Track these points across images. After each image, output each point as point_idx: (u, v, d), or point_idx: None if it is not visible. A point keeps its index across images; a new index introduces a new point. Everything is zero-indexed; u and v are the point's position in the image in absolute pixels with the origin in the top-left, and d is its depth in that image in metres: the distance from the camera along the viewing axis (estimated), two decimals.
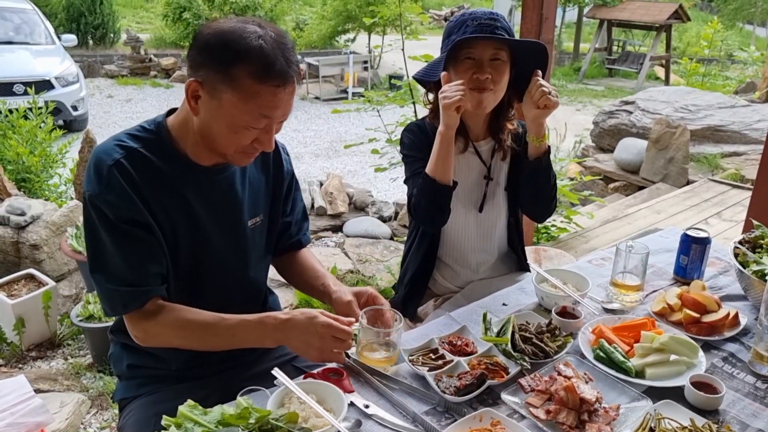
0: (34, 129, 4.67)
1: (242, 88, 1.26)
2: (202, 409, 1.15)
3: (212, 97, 1.29)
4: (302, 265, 1.72)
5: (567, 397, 1.28)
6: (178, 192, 1.40)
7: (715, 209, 5.14)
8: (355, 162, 7.90)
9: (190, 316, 1.40)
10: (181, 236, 1.42)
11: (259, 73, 1.25)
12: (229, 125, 1.31)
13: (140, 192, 1.34)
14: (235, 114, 1.29)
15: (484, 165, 1.96)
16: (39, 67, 8.07)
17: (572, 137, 7.88)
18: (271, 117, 1.32)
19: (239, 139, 1.34)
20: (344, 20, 13.72)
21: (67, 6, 13.60)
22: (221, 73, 1.26)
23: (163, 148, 1.39)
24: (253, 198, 1.54)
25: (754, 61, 13.13)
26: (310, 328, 1.33)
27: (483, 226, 2.00)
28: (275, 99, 1.28)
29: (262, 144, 1.36)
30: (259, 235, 1.59)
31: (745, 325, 1.62)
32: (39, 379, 2.74)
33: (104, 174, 1.32)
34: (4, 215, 3.55)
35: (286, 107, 1.33)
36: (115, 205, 1.32)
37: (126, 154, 1.34)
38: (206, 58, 1.28)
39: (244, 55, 1.24)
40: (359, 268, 4.09)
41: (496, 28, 1.77)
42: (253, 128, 1.32)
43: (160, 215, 1.38)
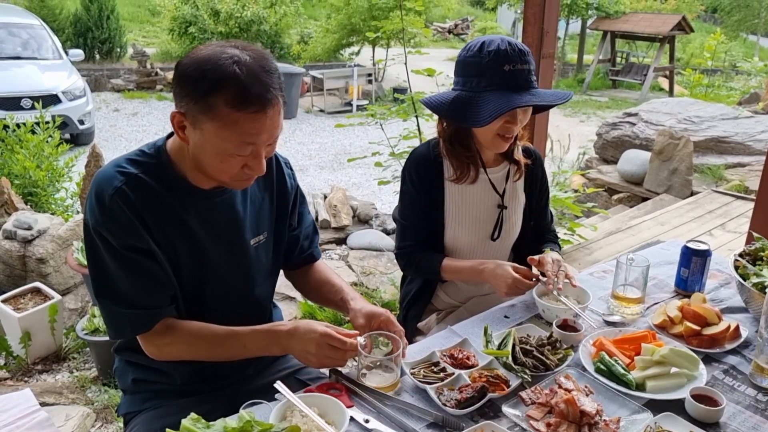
0: (41, 143, 4.71)
1: (221, 117, 1.24)
2: (205, 423, 1.17)
3: (195, 128, 1.29)
4: (319, 279, 1.73)
5: (567, 410, 1.28)
6: (179, 216, 1.40)
7: (719, 221, 5.13)
8: (359, 175, 7.92)
9: (200, 330, 1.43)
10: (183, 259, 1.43)
11: (235, 100, 1.23)
12: (214, 154, 1.30)
13: (142, 218, 1.35)
14: (217, 143, 1.28)
15: (497, 193, 1.94)
16: (46, 82, 8.15)
17: (576, 149, 7.90)
18: (255, 143, 1.30)
19: (227, 167, 1.33)
20: (348, 34, 13.80)
21: (75, 21, 13.74)
22: (200, 103, 1.25)
23: (163, 173, 1.39)
24: (256, 216, 1.55)
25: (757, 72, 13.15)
26: (309, 337, 1.37)
27: (493, 250, 2.00)
28: (256, 125, 1.26)
29: (252, 169, 1.35)
30: (263, 253, 1.59)
31: (745, 338, 1.62)
32: (44, 393, 2.76)
33: (106, 202, 1.33)
34: (11, 229, 3.58)
35: (270, 131, 1.30)
36: (118, 234, 1.34)
37: (127, 181, 1.35)
38: (185, 89, 1.27)
39: (219, 83, 1.23)
40: (363, 281, 4.10)
41: (530, 74, 1.71)
42: (238, 155, 1.30)
43: (161, 240, 1.38)
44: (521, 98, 1.66)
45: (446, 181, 1.90)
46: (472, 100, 1.71)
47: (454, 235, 1.94)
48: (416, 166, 1.91)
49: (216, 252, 1.47)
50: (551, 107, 1.79)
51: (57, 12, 13.98)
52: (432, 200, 1.91)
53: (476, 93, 1.71)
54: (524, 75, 1.69)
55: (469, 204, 1.92)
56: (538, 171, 2.03)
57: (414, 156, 1.95)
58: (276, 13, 13.86)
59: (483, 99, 1.69)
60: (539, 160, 2.04)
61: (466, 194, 1.91)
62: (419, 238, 1.95)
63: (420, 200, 1.91)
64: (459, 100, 1.75)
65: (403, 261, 2.00)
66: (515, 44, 1.71)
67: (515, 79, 1.68)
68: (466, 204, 1.92)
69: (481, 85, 1.71)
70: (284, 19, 14.16)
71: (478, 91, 1.71)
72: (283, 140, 9.68)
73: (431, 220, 1.93)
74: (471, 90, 1.73)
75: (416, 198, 1.91)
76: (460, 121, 1.78)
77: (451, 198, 1.91)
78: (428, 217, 1.93)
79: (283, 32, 14.65)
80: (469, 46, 1.76)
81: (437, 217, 1.93)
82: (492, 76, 1.69)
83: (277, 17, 13.90)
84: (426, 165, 1.90)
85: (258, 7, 13.39)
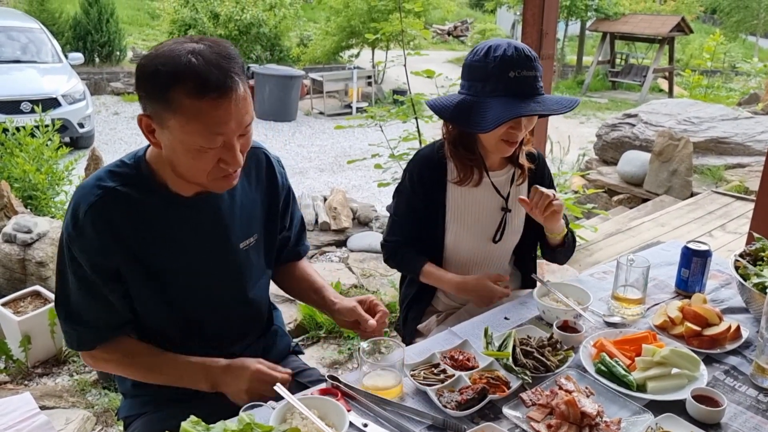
0: (40, 147, 4.71)
1: (183, 110, 1.21)
2: (205, 426, 1.16)
3: (162, 127, 1.25)
4: (299, 276, 1.73)
5: (568, 411, 1.28)
6: (161, 226, 1.39)
7: (719, 221, 5.13)
8: (359, 177, 7.92)
9: (138, 353, 1.46)
10: (169, 267, 1.42)
11: (195, 90, 1.19)
12: (185, 152, 1.26)
13: (117, 233, 1.34)
14: (186, 139, 1.24)
15: (500, 196, 1.93)
16: (46, 85, 8.15)
17: (576, 150, 7.91)
18: (224, 133, 1.25)
19: (202, 165, 1.28)
20: (348, 36, 13.83)
21: (74, 25, 13.76)
22: (160, 101, 1.22)
23: (143, 183, 1.37)
24: (246, 219, 1.52)
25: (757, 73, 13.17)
26: (242, 374, 1.41)
27: (495, 253, 2.00)
28: (220, 112, 1.22)
29: (228, 163, 1.29)
30: (254, 255, 1.57)
31: (746, 338, 1.62)
32: (44, 396, 2.75)
33: (79, 218, 1.32)
34: (10, 233, 3.58)
35: (238, 118, 1.25)
36: (86, 251, 1.34)
37: (103, 195, 1.33)
38: (145, 89, 1.25)
39: (175, 76, 1.19)
40: (363, 283, 4.10)
41: (536, 81, 1.69)
42: (210, 149, 1.26)
43: (141, 251, 1.37)
44: (525, 106, 1.64)
45: (449, 183, 1.90)
46: (477, 105, 1.69)
47: (455, 237, 1.94)
48: (419, 167, 1.91)
49: (203, 259, 1.45)
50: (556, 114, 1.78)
51: (56, 15, 14.01)
52: (433, 202, 1.91)
53: (481, 98, 1.69)
54: (530, 81, 1.67)
55: (471, 206, 1.91)
56: (542, 175, 2.02)
57: (418, 157, 1.95)
58: (275, 15, 13.88)
59: (487, 104, 1.67)
60: (544, 164, 2.04)
61: (469, 197, 1.91)
62: (406, 236, 1.97)
63: (416, 201, 1.91)
64: (463, 104, 1.74)
65: (387, 253, 2.04)
66: (522, 50, 1.68)
67: (520, 85, 1.66)
68: (468, 206, 1.92)
69: (486, 90, 1.68)
70: (283, 21, 14.17)
71: (482, 96, 1.69)
72: (283, 143, 9.69)
73: (431, 222, 1.93)
74: (476, 94, 1.71)
75: (412, 198, 1.92)
76: (464, 125, 1.77)
77: (453, 200, 1.91)
78: (424, 218, 1.93)
79: (283, 35, 14.66)
80: (476, 50, 1.74)
81: (437, 219, 1.92)
82: (497, 82, 1.66)
83: (277, 20, 13.92)
84: (429, 167, 1.90)
85: (257, 10, 13.41)
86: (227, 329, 1.56)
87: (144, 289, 1.42)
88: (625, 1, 17.49)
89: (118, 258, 1.36)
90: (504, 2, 18.13)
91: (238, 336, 1.60)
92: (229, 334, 1.57)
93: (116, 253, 1.35)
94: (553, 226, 1.84)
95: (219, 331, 1.54)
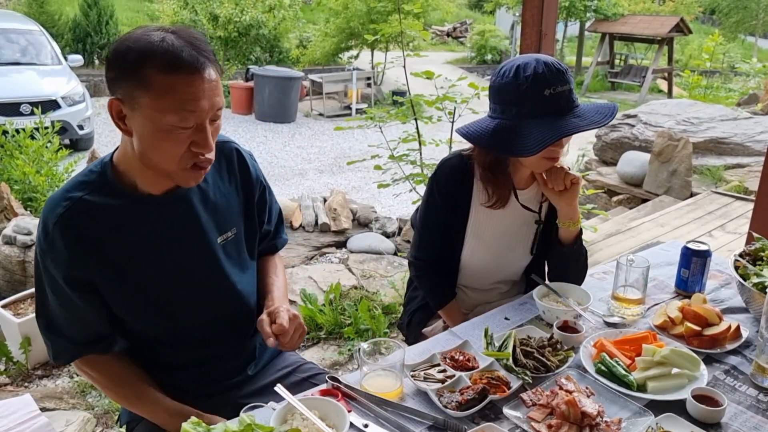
0: (40, 149, 4.71)
1: (155, 85, 1.20)
2: (206, 426, 1.16)
3: (133, 109, 1.23)
4: (261, 272, 1.68)
5: (568, 412, 1.28)
6: (133, 229, 1.37)
7: (719, 221, 5.13)
8: (359, 178, 7.92)
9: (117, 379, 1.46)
10: (147, 271, 1.40)
11: (167, 65, 1.19)
12: (156, 132, 1.24)
13: (88, 244, 1.32)
14: (156, 117, 1.22)
15: (533, 212, 1.89)
16: (46, 87, 8.15)
17: (575, 151, 7.92)
18: (196, 110, 1.23)
19: (173, 147, 1.25)
20: (347, 37, 13.82)
21: (74, 27, 13.76)
22: (132, 79, 1.21)
23: (110, 188, 1.35)
24: (221, 213, 1.49)
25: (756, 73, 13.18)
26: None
27: (511, 264, 1.99)
28: (192, 89, 1.21)
29: (200, 146, 1.27)
30: (234, 249, 1.54)
31: (746, 338, 1.62)
32: (45, 398, 2.75)
33: (49, 231, 1.31)
34: (10, 235, 3.58)
35: (210, 98, 1.24)
36: (58, 263, 1.32)
37: (70, 206, 1.31)
38: (115, 69, 1.24)
39: (148, 52, 1.19)
40: (363, 284, 4.10)
41: (572, 94, 1.63)
42: (182, 128, 1.24)
43: (116, 258, 1.35)
44: (567, 124, 1.59)
45: (474, 200, 1.86)
46: (515, 128, 1.63)
47: (471, 251, 1.93)
48: (446, 180, 1.85)
49: (181, 257, 1.43)
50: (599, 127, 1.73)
51: (56, 18, 14.00)
52: (455, 215, 1.88)
53: (518, 121, 1.63)
54: (566, 96, 1.62)
55: (495, 225, 1.89)
56: None
57: (446, 167, 1.88)
58: (275, 17, 13.87)
59: (527, 127, 1.61)
60: None
61: (494, 216, 1.87)
62: (435, 253, 1.95)
63: (444, 214, 1.87)
64: (501, 129, 1.66)
65: (415, 272, 2.02)
66: (552, 64, 1.62)
67: (557, 102, 1.61)
68: (492, 225, 1.89)
69: (522, 113, 1.62)
70: (283, 23, 14.17)
71: (520, 119, 1.63)
72: (283, 144, 9.69)
73: (451, 234, 1.91)
74: (511, 118, 1.64)
75: (441, 210, 1.87)
76: (506, 152, 1.70)
77: (477, 218, 1.88)
78: (449, 231, 1.91)
79: (282, 36, 14.66)
80: (503, 71, 1.66)
81: (457, 233, 1.90)
82: (533, 103, 1.60)
83: (276, 21, 13.91)
84: (456, 179, 1.84)
85: (257, 12, 13.40)
86: (217, 328, 1.54)
87: (124, 297, 1.40)
88: (624, 1, 17.51)
89: (92, 269, 1.34)
90: (503, 3, 18.12)
91: (229, 334, 1.57)
92: (220, 333, 1.55)
93: (89, 264, 1.33)
94: (570, 204, 1.79)
95: (209, 330, 1.53)
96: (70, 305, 1.36)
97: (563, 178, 1.76)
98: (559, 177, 1.76)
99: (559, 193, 1.78)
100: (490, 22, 21.68)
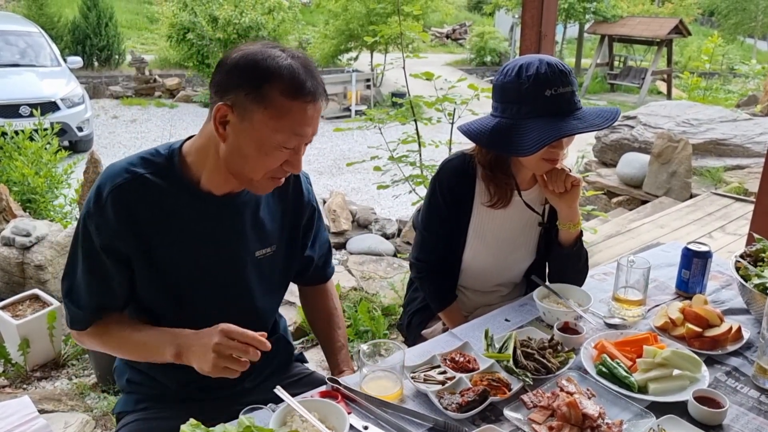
0: (39, 150, 4.70)
1: (274, 105, 1.25)
2: (205, 428, 1.16)
3: (243, 119, 1.28)
4: (321, 306, 1.78)
5: (569, 413, 1.28)
6: (181, 219, 1.39)
7: (719, 223, 5.13)
8: (358, 179, 7.92)
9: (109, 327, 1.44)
10: (178, 262, 1.42)
11: (291, 90, 1.25)
12: (259, 146, 1.29)
13: (136, 219, 1.34)
14: (266, 133, 1.28)
15: (534, 212, 1.88)
16: (45, 89, 8.15)
17: (575, 152, 7.91)
18: (303, 135, 1.31)
19: (270, 162, 1.32)
20: (346, 39, 13.83)
21: (73, 28, 13.76)
22: (252, 92, 1.25)
23: (173, 175, 1.38)
24: (267, 228, 1.52)
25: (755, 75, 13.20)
26: (210, 332, 1.30)
27: (509, 270, 1.99)
28: (306, 116, 1.28)
29: (292, 165, 1.35)
30: (269, 266, 1.55)
31: (747, 339, 1.62)
32: (43, 400, 2.74)
33: (103, 197, 1.33)
34: (9, 236, 3.58)
35: (315, 126, 1.33)
36: (101, 230, 1.34)
37: (130, 179, 1.35)
38: (235, 80, 1.27)
39: (275, 73, 1.25)
40: (363, 285, 4.10)
41: (574, 96, 1.62)
42: (284, 149, 1.30)
43: (156, 240, 1.38)
44: (566, 125, 1.59)
45: (476, 200, 1.86)
46: (514, 128, 1.62)
47: (473, 252, 1.93)
48: (449, 181, 1.85)
49: (215, 259, 1.45)
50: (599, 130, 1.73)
51: (55, 19, 14.00)
52: (458, 216, 1.87)
53: (518, 120, 1.63)
54: (567, 98, 1.61)
55: (497, 226, 1.88)
56: None
57: (448, 169, 1.87)
58: (274, 19, 13.87)
59: (526, 127, 1.60)
60: None
61: (496, 216, 1.87)
62: (437, 255, 1.94)
63: (447, 215, 1.87)
64: (500, 128, 1.66)
65: (416, 273, 2.02)
66: (555, 65, 1.61)
67: (558, 103, 1.60)
68: (494, 226, 1.89)
69: (522, 112, 1.62)
70: (282, 25, 14.16)
71: (519, 119, 1.62)
72: None
73: (452, 235, 1.91)
74: (512, 117, 1.64)
75: (444, 211, 1.87)
76: (504, 150, 1.70)
77: (479, 218, 1.87)
78: (450, 232, 1.90)
79: (282, 38, 14.63)
80: (506, 70, 1.66)
81: (459, 233, 1.90)
82: (533, 103, 1.60)
83: (276, 23, 13.91)
84: (459, 181, 1.84)
85: (256, 14, 13.40)
86: None
87: (149, 279, 1.42)
88: (623, 3, 17.53)
89: (132, 244, 1.36)
90: (503, 5, 18.14)
91: None
92: None
93: (130, 239, 1.35)
94: (571, 206, 1.78)
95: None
96: (99, 272, 1.38)
97: (564, 180, 1.75)
98: (559, 179, 1.75)
99: (559, 194, 1.77)
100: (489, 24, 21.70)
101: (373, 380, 1.43)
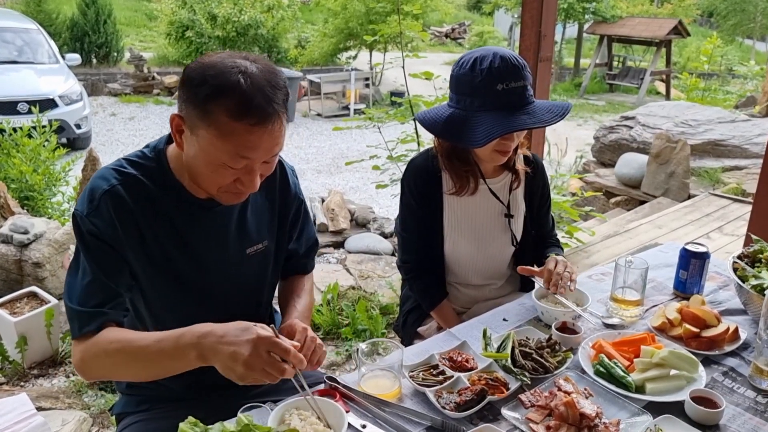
0: (37, 147, 4.70)
1: (218, 125, 1.20)
2: (203, 427, 1.16)
3: (192, 133, 1.26)
4: (291, 289, 1.67)
5: (567, 413, 1.28)
6: (172, 222, 1.39)
7: (717, 223, 5.14)
8: (357, 178, 7.92)
9: (122, 339, 1.31)
10: (174, 264, 1.41)
11: (234, 110, 1.19)
12: (206, 163, 1.26)
13: (131, 219, 1.34)
14: (211, 152, 1.24)
15: (501, 203, 1.92)
16: (43, 86, 8.14)
17: (573, 152, 7.91)
18: (249, 157, 1.25)
19: (218, 179, 1.29)
20: (346, 38, 13.83)
21: (71, 25, 13.74)
22: (198, 108, 1.22)
23: (161, 178, 1.38)
24: (256, 225, 1.52)
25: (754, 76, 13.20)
26: (245, 338, 1.17)
27: (493, 259, 2.00)
28: (252, 138, 1.22)
29: (244, 185, 1.30)
30: (260, 262, 1.55)
31: (744, 340, 1.62)
32: (41, 397, 2.74)
33: (96, 198, 1.32)
34: (7, 233, 3.57)
35: (268, 148, 1.26)
36: (98, 229, 1.32)
37: (123, 180, 1.34)
38: (187, 93, 1.24)
39: (220, 91, 1.19)
40: (361, 284, 4.10)
41: (526, 90, 1.65)
42: (231, 168, 1.26)
43: (151, 242, 1.37)
44: (516, 120, 1.62)
45: (445, 193, 1.89)
46: (467, 119, 1.66)
47: (453, 245, 1.94)
48: (414, 178, 1.90)
49: (208, 260, 1.45)
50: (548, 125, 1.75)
51: (54, 16, 13.98)
52: (431, 211, 1.90)
53: (470, 112, 1.66)
54: (518, 92, 1.64)
55: (468, 215, 1.91)
56: (538, 179, 2.01)
57: (412, 167, 1.93)
58: (273, 17, 13.88)
59: (477, 119, 1.64)
60: (540, 167, 2.03)
61: (466, 205, 1.90)
62: (420, 253, 1.96)
63: (420, 211, 1.90)
64: (453, 118, 1.71)
65: (405, 274, 2.05)
66: (509, 59, 1.63)
67: (509, 97, 1.63)
68: (466, 215, 1.91)
69: (474, 104, 1.66)
70: (281, 23, 14.17)
71: (472, 111, 1.66)
72: None
73: (430, 231, 1.93)
74: (465, 109, 1.68)
75: (416, 209, 1.91)
76: (455, 141, 1.76)
77: (450, 209, 1.90)
78: (428, 228, 1.93)
79: (281, 36, 14.66)
80: (462, 62, 1.70)
81: (436, 228, 1.92)
82: (485, 96, 1.64)
83: (275, 21, 13.92)
84: (423, 177, 1.89)
85: (255, 12, 13.41)
86: None
87: (144, 275, 1.40)
88: (623, 4, 17.54)
89: (129, 242, 1.35)
90: (502, 4, 18.15)
91: None
92: None
93: (128, 237, 1.34)
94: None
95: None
96: (100, 270, 1.32)
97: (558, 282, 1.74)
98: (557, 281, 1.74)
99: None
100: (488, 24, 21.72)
101: (371, 379, 1.43)
